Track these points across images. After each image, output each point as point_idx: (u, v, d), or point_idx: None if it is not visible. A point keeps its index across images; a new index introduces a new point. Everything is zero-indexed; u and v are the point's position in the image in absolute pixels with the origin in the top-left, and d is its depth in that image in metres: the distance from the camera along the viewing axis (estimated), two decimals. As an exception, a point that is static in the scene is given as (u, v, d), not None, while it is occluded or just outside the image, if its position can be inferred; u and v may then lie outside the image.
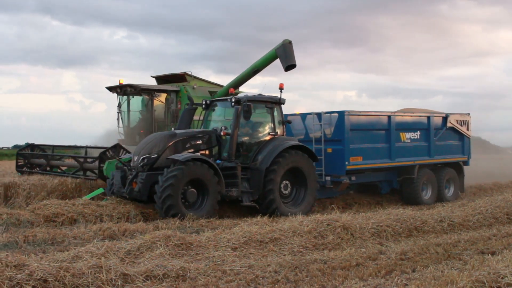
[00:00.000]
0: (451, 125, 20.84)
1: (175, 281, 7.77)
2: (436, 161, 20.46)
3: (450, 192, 20.78)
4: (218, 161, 15.28)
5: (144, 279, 7.68)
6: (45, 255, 8.99)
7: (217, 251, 9.45)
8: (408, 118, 20.13)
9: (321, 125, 18.07)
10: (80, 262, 7.90)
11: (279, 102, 16.63)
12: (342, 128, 17.58)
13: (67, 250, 9.20)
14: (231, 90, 18.74)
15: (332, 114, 17.94)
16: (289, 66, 19.03)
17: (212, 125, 16.58)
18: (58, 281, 7.12)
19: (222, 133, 15.53)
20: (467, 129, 21.58)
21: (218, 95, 20.30)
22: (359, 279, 8.07)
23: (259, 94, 16.61)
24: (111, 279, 7.47)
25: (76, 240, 11.17)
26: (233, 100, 15.62)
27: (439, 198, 19.87)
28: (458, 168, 21.36)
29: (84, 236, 11.54)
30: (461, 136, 21.43)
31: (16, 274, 6.93)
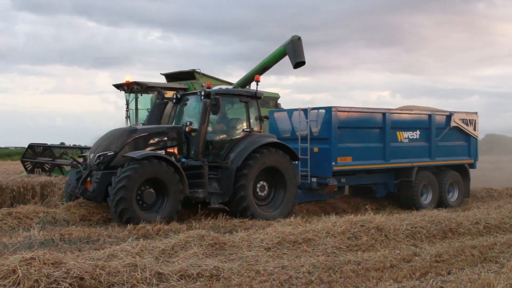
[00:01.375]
0: (456, 125, 19.33)
1: (209, 280, 7.79)
2: (437, 163, 19.01)
3: (454, 197, 19.27)
4: (183, 160, 14.26)
5: (179, 278, 7.72)
6: (81, 253, 9.10)
7: (250, 251, 9.46)
8: (406, 116, 18.64)
9: (307, 122, 16.72)
10: (116, 261, 7.99)
11: (255, 96, 15.41)
12: (329, 126, 16.22)
13: (103, 249, 9.29)
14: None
15: (320, 110, 16.60)
16: (298, 63, 18.21)
17: (184, 121, 15.11)
18: (94, 279, 7.21)
19: (187, 129, 14.45)
20: (474, 129, 20.02)
21: None
22: (394, 281, 8.01)
23: (234, 87, 15.68)
24: (146, 278, 7.53)
25: (111, 238, 11.30)
26: (203, 93, 14.42)
27: (441, 203, 18.35)
28: (463, 171, 19.81)
29: (118, 235, 11.68)
30: (467, 137, 19.90)
31: (54, 272, 7.03)
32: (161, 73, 22.20)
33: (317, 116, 16.50)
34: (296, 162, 16.12)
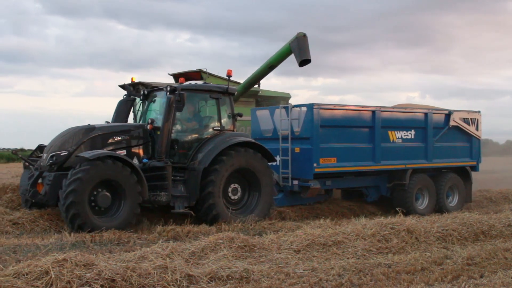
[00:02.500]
0: (456, 124, 18.02)
1: (239, 282, 7.80)
2: (435, 165, 17.67)
3: (454, 201, 18.08)
4: (145, 160, 13.26)
5: (209, 280, 7.74)
6: (112, 255, 9.16)
7: (280, 253, 9.46)
8: (399, 115, 17.14)
9: (289, 120, 15.60)
10: (146, 263, 8.04)
11: (226, 92, 14.34)
12: (311, 124, 15.01)
13: (133, 251, 9.36)
14: None
15: (302, 108, 15.42)
16: (303, 61, 17.11)
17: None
18: (125, 280, 7.26)
19: (148, 127, 13.50)
20: (477, 129, 18.67)
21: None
22: (425, 284, 7.95)
23: (205, 83, 14.53)
24: (176, 279, 7.56)
25: (141, 240, 11.39)
26: (169, 88, 13.38)
27: (439, 208, 17.19)
28: (464, 174, 18.54)
29: (148, 236, 11.80)
30: (468, 137, 18.52)
31: (85, 273, 7.09)
32: (169, 74, 21.71)
33: (299, 114, 15.37)
34: (274, 163, 15.23)
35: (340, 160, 15.45)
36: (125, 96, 15.36)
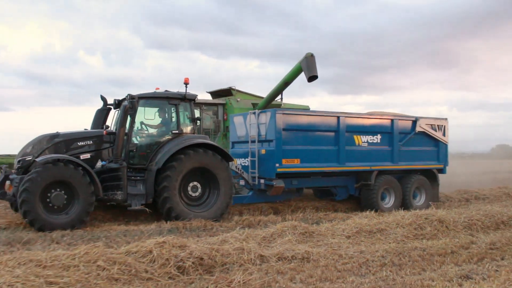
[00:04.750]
0: (422, 130, 16.33)
1: (301, 262, 7.83)
2: (400, 168, 15.98)
3: (420, 201, 16.35)
4: (103, 162, 12.21)
5: (277, 260, 7.80)
6: (200, 238, 9.35)
7: (334, 238, 9.43)
8: (364, 121, 15.46)
9: (257, 124, 14.36)
10: (227, 245, 8.17)
11: (185, 98, 13.07)
12: (274, 128, 13.75)
13: (216, 236, 9.48)
14: None
15: (267, 113, 14.17)
16: (311, 77, 15.98)
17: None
18: (211, 259, 7.40)
19: (104, 133, 12.54)
20: (443, 135, 16.93)
21: (259, 107, 17.64)
22: (454, 265, 7.81)
23: (166, 91, 13.11)
24: (251, 259, 7.65)
25: (222, 227, 11.55)
26: (128, 97, 12.45)
27: (405, 206, 15.43)
28: (431, 176, 16.82)
29: (228, 224, 11.96)
30: (435, 142, 16.78)
31: (180, 253, 7.27)
32: (207, 91, 20.89)
33: (266, 119, 14.09)
34: (234, 163, 14.34)
35: (304, 161, 14.08)
36: (102, 106, 13.95)
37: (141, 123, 12.95)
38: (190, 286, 6.56)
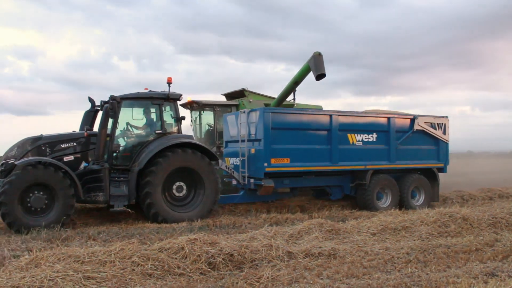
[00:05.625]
0: (420, 128, 15.44)
1: (328, 258, 7.79)
2: (397, 167, 15.06)
3: (419, 200, 15.46)
4: (85, 164, 11.84)
5: (304, 256, 7.78)
6: (229, 236, 9.36)
7: (359, 236, 9.36)
8: (358, 119, 14.56)
9: (247, 123, 13.70)
10: (256, 242, 8.16)
11: (168, 98, 12.56)
12: (262, 127, 13.04)
13: (245, 233, 9.48)
14: None
15: (256, 112, 13.48)
16: (319, 75, 15.05)
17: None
18: (240, 255, 7.42)
19: (84, 134, 12.09)
20: (444, 133, 15.96)
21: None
22: (479, 262, 7.66)
23: (150, 91, 12.62)
24: (279, 255, 7.65)
25: (251, 225, 11.57)
26: (109, 98, 11.96)
27: (404, 206, 14.79)
28: (431, 175, 15.89)
29: (256, 222, 11.96)
30: (435, 141, 15.81)
31: (211, 249, 7.31)
32: (221, 93, 20.28)
33: (255, 118, 13.39)
34: (221, 163, 13.95)
35: (294, 160, 13.30)
36: (90, 108, 13.53)
37: (127, 124, 12.57)
38: (220, 282, 6.57)
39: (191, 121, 18.58)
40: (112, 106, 11.67)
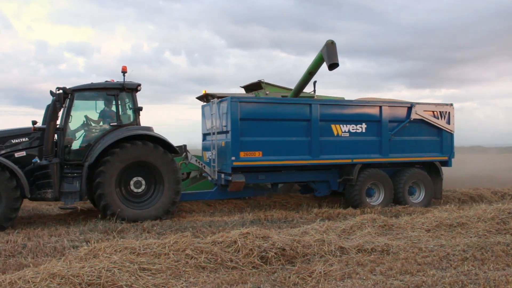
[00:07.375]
0: (419, 117, 13.99)
1: (381, 254, 7.68)
2: (391, 160, 13.71)
3: (419, 197, 14.14)
4: (34, 160, 10.95)
5: (357, 252, 7.70)
6: (281, 230, 9.36)
7: (413, 232, 9.18)
8: (345, 109, 13.35)
9: (218, 114, 12.70)
10: (308, 237, 8.15)
11: (124, 88, 11.66)
12: (229, 118, 12.05)
13: (297, 227, 9.47)
14: None
15: (225, 101, 12.42)
16: (332, 64, 14.26)
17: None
18: (292, 250, 7.41)
19: (31, 129, 11.19)
20: (448, 123, 14.39)
21: None
22: (541, 261, 7.38)
23: (106, 81, 11.84)
24: (331, 250, 7.60)
25: (302, 219, 11.54)
26: (57, 90, 11.09)
27: (399, 203, 13.56)
28: (433, 169, 14.44)
29: (308, 217, 11.91)
30: (438, 131, 14.30)
31: (263, 243, 7.33)
32: (240, 86, 19.77)
33: (225, 109, 12.37)
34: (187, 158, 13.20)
35: (267, 154, 12.28)
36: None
37: (85, 117, 11.84)
38: (272, 276, 6.59)
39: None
40: (59, 98, 10.93)
